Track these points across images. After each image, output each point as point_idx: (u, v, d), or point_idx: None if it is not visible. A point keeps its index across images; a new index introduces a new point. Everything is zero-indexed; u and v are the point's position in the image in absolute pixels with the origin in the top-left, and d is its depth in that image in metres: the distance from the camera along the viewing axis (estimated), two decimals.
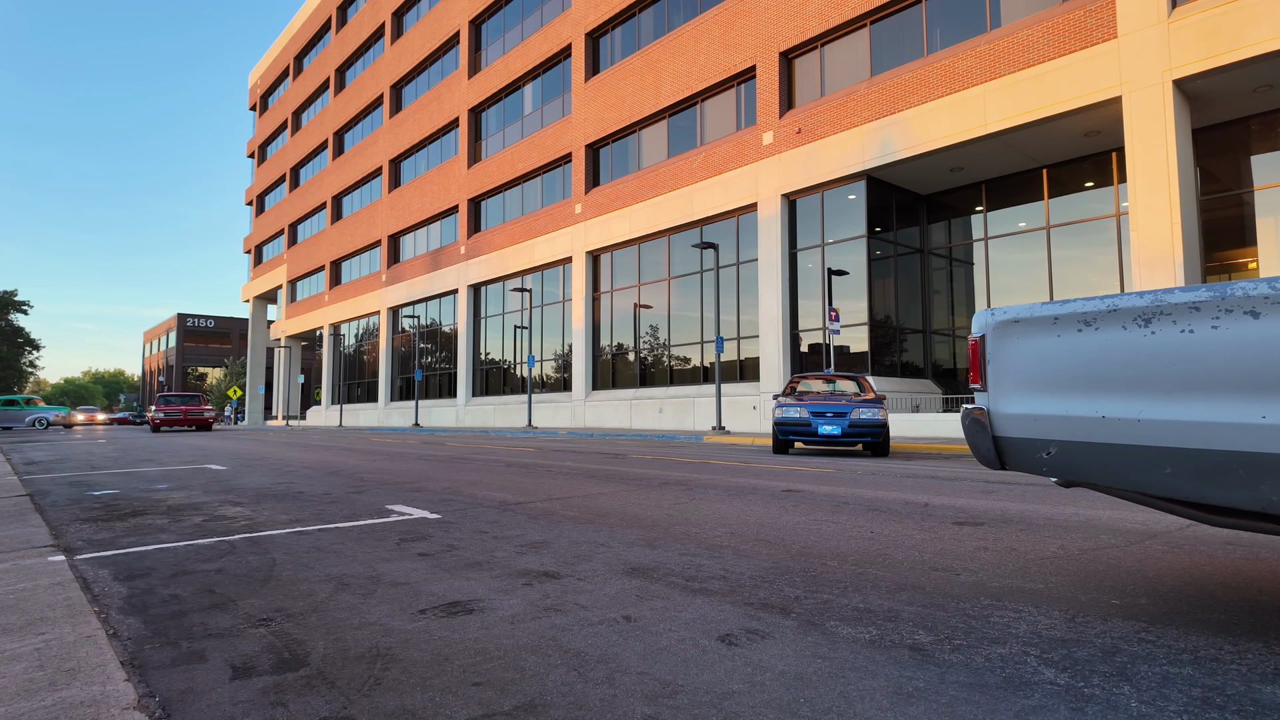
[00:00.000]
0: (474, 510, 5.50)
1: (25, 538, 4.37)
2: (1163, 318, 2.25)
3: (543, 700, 1.94)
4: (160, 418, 27.85)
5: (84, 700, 1.91)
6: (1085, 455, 2.48)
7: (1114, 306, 2.38)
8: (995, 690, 1.98)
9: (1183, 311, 2.20)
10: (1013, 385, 2.71)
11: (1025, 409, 2.65)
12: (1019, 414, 2.68)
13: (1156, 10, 13.29)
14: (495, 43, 32.32)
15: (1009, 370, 2.73)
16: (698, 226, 22.61)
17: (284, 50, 53.53)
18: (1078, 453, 2.50)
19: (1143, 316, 2.30)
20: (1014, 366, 2.71)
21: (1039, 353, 2.62)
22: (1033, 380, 2.64)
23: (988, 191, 18.67)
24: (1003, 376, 2.75)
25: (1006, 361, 2.74)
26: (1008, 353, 2.74)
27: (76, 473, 9.32)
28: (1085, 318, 2.47)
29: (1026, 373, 2.66)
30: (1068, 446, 2.52)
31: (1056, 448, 2.56)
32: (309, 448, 15.01)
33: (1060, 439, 2.54)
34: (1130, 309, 2.34)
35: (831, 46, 19.25)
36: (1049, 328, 2.59)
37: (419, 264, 36.48)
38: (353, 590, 3.13)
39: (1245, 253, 14.94)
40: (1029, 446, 2.65)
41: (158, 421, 27.86)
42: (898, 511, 5.27)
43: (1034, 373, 2.64)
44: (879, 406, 11.33)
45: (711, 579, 3.26)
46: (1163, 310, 2.25)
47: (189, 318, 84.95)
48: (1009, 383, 2.73)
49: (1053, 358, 2.57)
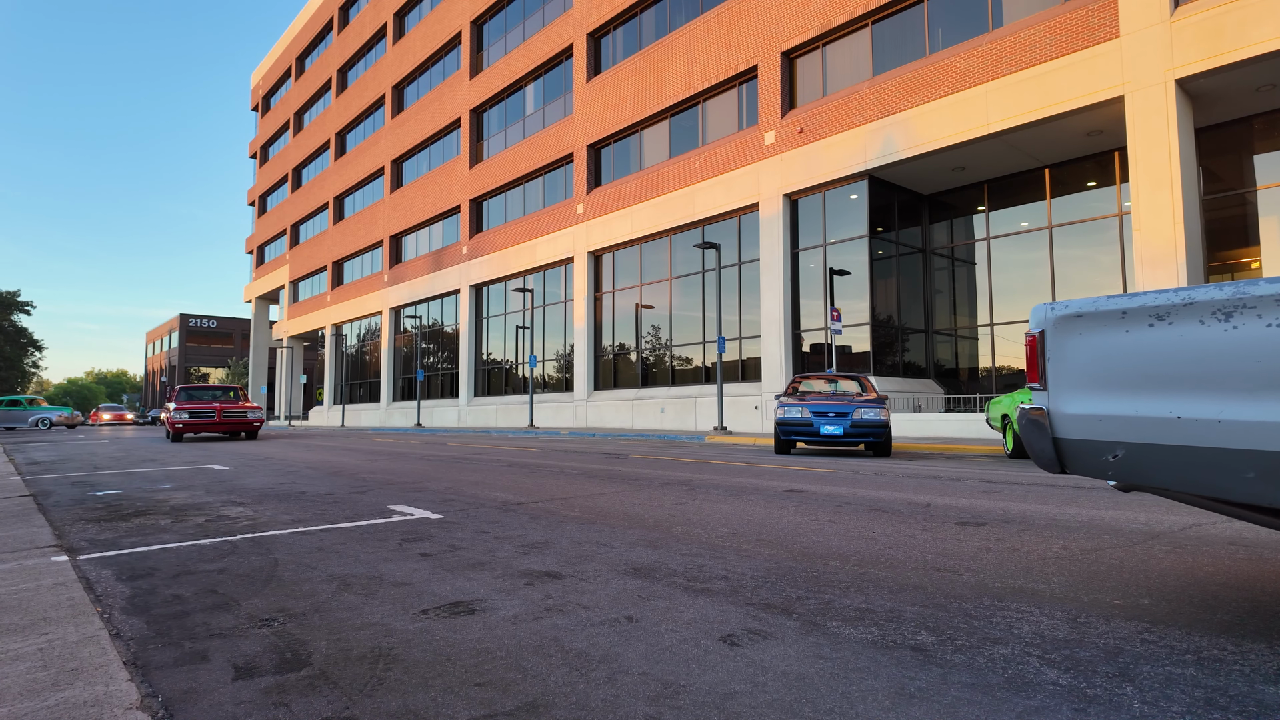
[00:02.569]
0: (476, 510, 5.50)
1: (28, 538, 4.37)
2: (1246, 311, 2.11)
3: (545, 700, 1.94)
4: (184, 420, 18.25)
5: (87, 700, 1.92)
6: (1156, 458, 2.33)
7: (1190, 300, 2.24)
8: (997, 691, 1.98)
9: (1269, 305, 2.07)
10: (1075, 384, 2.57)
11: (1089, 409, 2.51)
12: (1082, 414, 2.54)
13: (1159, 9, 13.26)
14: (497, 43, 32.34)
15: (1071, 368, 2.59)
16: (699, 226, 22.61)
17: (286, 51, 53.60)
18: (1147, 456, 2.35)
19: (1223, 310, 2.16)
20: (1077, 364, 2.57)
21: (1105, 349, 2.48)
22: (1098, 378, 2.50)
23: (990, 191, 18.65)
24: (1064, 375, 2.61)
25: (1068, 359, 2.60)
26: (1070, 349, 2.59)
27: (79, 473, 9.34)
28: (1157, 312, 2.32)
29: (1091, 370, 2.52)
30: (1137, 449, 2.38)
31: (1124, 450, 2.41)
32: (311, 448, 15.02)
33: (1128, 441, 2.39)
34: (1208, 302, 2.20)
35: (833, 46, 19.24)
36: (1116, 323, 2.44)
37: (421, 264, 36.51)
38: (355, 590, 3.13)
39: (1248, 252, 14.91)
40: (1093, 449, 2.51)
41: (180, 426, 18.25)
42: (900, 512, 5.27)
43: (1099, 370, 2.49)
44: (881, 406, 11.32)
45: (713, 579, 3.26)
46: (1246, 304, 2.11)
47: (191, 318, 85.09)
48: (1071, 381, 2.59)
49: (1120, 354, 2.43)
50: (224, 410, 18.80)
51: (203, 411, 18.47)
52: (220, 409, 18.72)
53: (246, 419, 19.16)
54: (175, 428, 18.21)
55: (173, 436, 18.57)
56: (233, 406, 19.03)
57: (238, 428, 19.14)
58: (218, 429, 18.83)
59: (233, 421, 18.87)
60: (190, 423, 18.26)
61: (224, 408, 18.84)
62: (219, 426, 18.74)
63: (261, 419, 19.58)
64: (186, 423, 18.22)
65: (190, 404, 18.79)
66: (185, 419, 18.16)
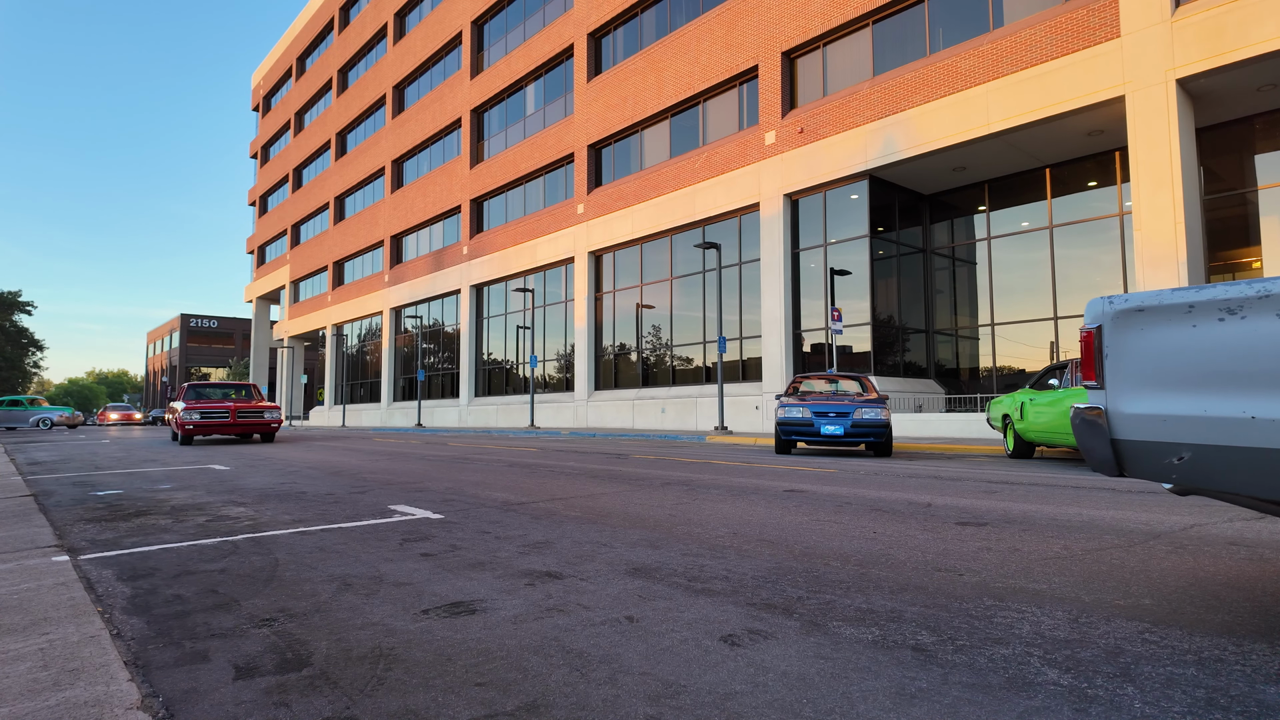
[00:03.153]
0: (476, 510, 5.50)
1: (29, 538, 4.38)
2: None
3: (545, 700, 1.94)
4: (195, 422, 16.32)
5: (88, 700, 1.92)
6: (1227, 461, 2.18)
7: (1265, 292, 2.09)
8: (998, 691, 1.98)
9: None
10: (1137, 382, 2.43)
11: (1152, 409, 2.37)
12: (1144, 414, 2.39)
13: (1159, 9, 13.25)
14: (497, 43, 32.34)
15: (1132, 365, 2.45)
16: (700, 226, 22.61)
17: (286, 51, 53.63)
18: (1217, 458, 2.20)
19: None
20: (1138, 361, 2.42)
21: (1169, 345, 2.32)
22: (1161, 376, 2.34)
23: (990, 191, 18.65)
24: (1124, 372, 2.47)
25: (1129, 355, 2.45)
26: (1131, 345, 2.45)
27: (80, 473, 9.34)
28: (1228, 305, 2.18)
29: (1154, 368, 2.37)
30: (1205, 451, 2.22)
31: (1190, 452, 2.26)
32: (311, 448, 15.03)
33: (1195, 442, 2.24)
34: None
35: (834, 46, 19.24)
36: (1182, 317, 2.29)
37: (421, 264, 36.52)
38: (355, 590, 3.13)
39: (1249, 252, 14.90)
40: (1155, 451, 2.36)
41: (190, 428, 16.29)
42: (900, 512, 5.26)
43: (1163, 368, 2.34)
44: (882, 406, 11.32)
45: (714, 579, 3.26)
46: None
47: (192, 318, 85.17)
48: (1132, 379, 2.44)
49: (1187, 351, 2.27)
50: (239, 410, 16.89)
51: (215, 412, 16.62)
52: (235, 408, 16.84)
53: (263, 419, 17.25)
54: (185, 429, 16.18)
55: (181, 439, 16.65)
56: (248, 406, 17.17)
57: (254, 429, 17.19)
58: (232, 431, 16.90)
59: (248, 422, 17.01)
60: (202, 424, 16.37)
61: (239, 407, 16.94)
62: (233, 428, 16.83)
63: (279, 420, 17.68)
64: (198, 424, 16.29)
65: (201, 403, 16.90)
66: (196, 420, 16.26)
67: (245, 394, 19.06)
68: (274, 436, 18.44)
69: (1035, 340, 17.75)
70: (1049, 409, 9.68)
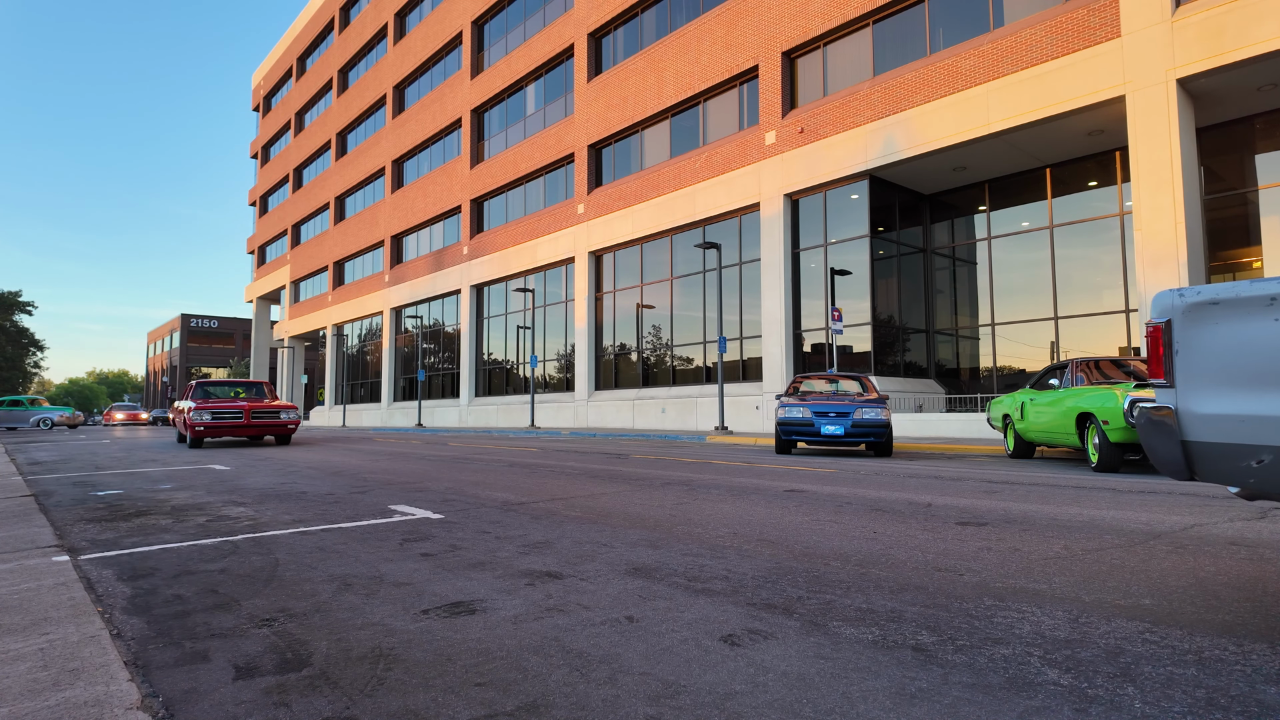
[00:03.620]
0: (477, 510, 5.50)
1: (30, 538, 4.38)
2: None
3: (545, 700, 1.94)
4: (206, 423, 14.94)
5: (87, 700, 1.92)
6: None
7: None
8: (998, 691, 1.98)
9: None
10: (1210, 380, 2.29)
11: (1229, 408, 2.23)
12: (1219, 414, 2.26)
13: (1160, 9, 13.25)
14: (498, 43, 32.35)
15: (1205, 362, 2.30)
16: (700, 226, 22.61)
17: (287, 51, 53.64)
18: None
19: None
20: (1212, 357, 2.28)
21: (1247, 340, 2.18)
22: (1239, 374, 2.20)
23: (991, 191, 18.64)
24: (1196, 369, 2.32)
25: (1202, 351, 2.31)
26: (1204, 340, 2.30)
27: (81, 473, 9.34)
28: None
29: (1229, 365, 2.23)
30: None
31: (1271, 455, 2.10)
32: (312, 448, 15.03)
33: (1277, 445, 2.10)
34: None
35: (834, 46, 19.24)
36: (1262, 310, 2.14)
37: (422, 264, 36.53)
38: (355, 590, 3.13)
39: (1250, 252, 14.90)
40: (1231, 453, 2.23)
41: (201, 429, 14.91)
42: (901, 512, 5.26)
43: (1240, 365, 2.20)
44: (882, 406, 11.32)
45: (714, 579, 3.26)
46: None
47: (193, 318, 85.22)
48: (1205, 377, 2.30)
49: (1268, 346, 2.13)
50: (254, 410, 15.57)
51: (228, 412, 15.24)
52: (249, 408, 15.50)
53: (279, 420, 15.88)
54: (195, 431, 14.79)
55: (191, 441, 15.24)
56: (263, 406, 15.87)
57: (269, 431, 15.89)
58: (246, 433, 15.55)
59: (263, 424, 15.70)
60: (214, 425, 14.97)
61: (254, 407, 15.62)
62: (247, 430, 15.49)
63: (296, 420, 16.18)
64: (209, 425, 14.91)
65: (211, 403, 15.47)
66: (208, 421, 14.90)
67: (256, 392, 17.77)
68: (290, 439, 17.08)
69: (1035, 340, 17.75)
70: (1049, 409, 9.67)
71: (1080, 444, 8.97)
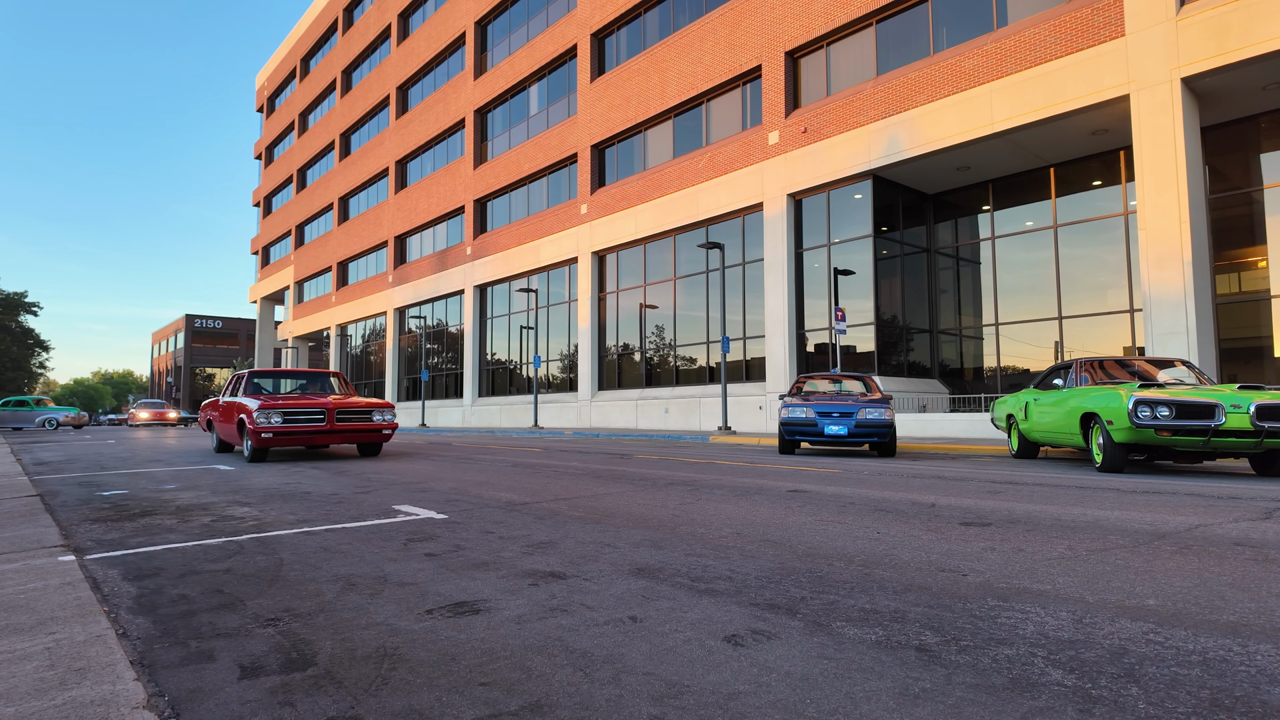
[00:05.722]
0: (480, 510, 5.51)
1: (36, 538, 4.39)
2: None
3: (549, 700, 1.94)
4: (275, 427, 10.49)
5: (94, 699, 1.92)
6: None
7: None
8: (1002, 691, 1.97)
9: None
10: None
11: None
12: None
13: (1164, 8, 13.21)
14: (501, 44, 32.38)
15: None
16: (703, 226, 22.60)
17: (291, 52, 53.76)
18: None
19: None
20: None
21: None
22: None
23: (994, 190, 18.61)
24: None
25: None
26: None
27: (86, 473, 9.38)
28: None
29: None
30: None
31: None
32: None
33: None
34: None
35: (837, 46, 19.22)
36: None
37: (425, 265, 36.57)
38: (360, 590, 3.14)
39: (1255, 251, 14.85)
40: None
41: (268, 436, 10.47)
42: (904, 512, 5.26)
43: None
44: (885, 406, 11.30)
45: (718, 579, 3.26)
46: None
47: (197, 319, 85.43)
48: None
49: None
50: (339, 410, 11.02)
51: (305, 412, 10.79)
52: (333, 407, 10.96)
53: (371, 424, 11.35)
54: (260, 439, 10.48)
55: (251, 452, 10.84)
56: (349, 404, 11.24)
57: (358, 438, 11.28)
58: (329, 440, 11.04)
59: (352, 428, 11.12)
60: (285, 430, 10.59)
61: (339, 405, 11.06)
62: (331, 436, 10.99)
63: (393, 423, 11.67)
64: (279, 430, 10.54)
65: (278, 400, 11.04)
66: (278, 424, 10.54)
67: (323, 386, 13.46)
68: (380, 448, 12.57)
69: (1039, 340, 17.71)
70: (1053, 409, 9.65)
71: (1084, 444, 8.95)
